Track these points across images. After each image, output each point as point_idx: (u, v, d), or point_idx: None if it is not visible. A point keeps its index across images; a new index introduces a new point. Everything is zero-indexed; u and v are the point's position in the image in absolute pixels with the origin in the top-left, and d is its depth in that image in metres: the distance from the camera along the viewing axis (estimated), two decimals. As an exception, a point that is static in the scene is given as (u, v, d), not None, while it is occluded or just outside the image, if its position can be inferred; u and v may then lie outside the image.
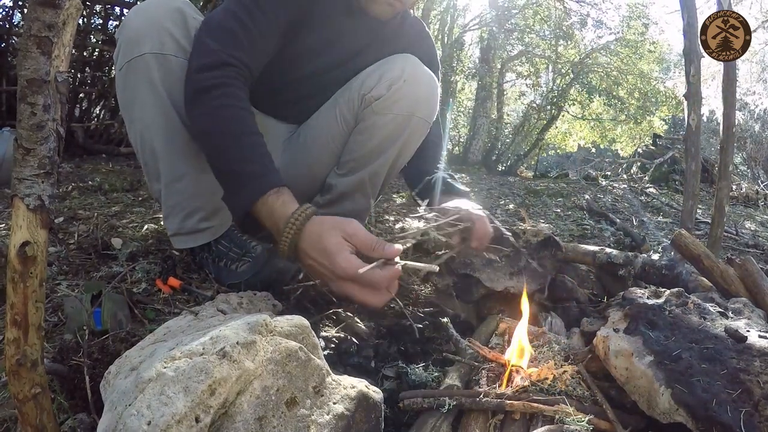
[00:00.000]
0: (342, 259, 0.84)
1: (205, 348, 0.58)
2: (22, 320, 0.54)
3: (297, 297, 1.15)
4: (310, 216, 0.91)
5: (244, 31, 1.06)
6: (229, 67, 1.02)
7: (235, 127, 0.99)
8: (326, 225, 0.88)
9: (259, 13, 1.08)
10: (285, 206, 0.92)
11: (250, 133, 1.00)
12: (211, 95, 1.00)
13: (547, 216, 3.12)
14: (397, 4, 1.17)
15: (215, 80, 1.00)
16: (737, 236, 2.69)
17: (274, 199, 0.93)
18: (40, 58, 0.50)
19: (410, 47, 1.30)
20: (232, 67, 1.03)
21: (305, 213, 0.90)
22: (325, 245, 0.85)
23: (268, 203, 0.93)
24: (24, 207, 0.53)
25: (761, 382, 0.64)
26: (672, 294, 0.89)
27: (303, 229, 0.89)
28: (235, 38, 1.05)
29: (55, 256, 1.28)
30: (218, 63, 1.02)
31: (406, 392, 0.75)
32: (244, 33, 1.06)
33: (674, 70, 11.88)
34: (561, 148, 12.00)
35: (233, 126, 0.99)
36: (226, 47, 1.03)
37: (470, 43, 9.71)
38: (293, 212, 0.90)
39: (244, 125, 1.00)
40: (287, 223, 0.90)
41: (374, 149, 1.26)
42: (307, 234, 0.89)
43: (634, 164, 6.53)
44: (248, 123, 1.01)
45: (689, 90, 1.72)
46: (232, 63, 1.03)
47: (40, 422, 0.57)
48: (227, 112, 1.00)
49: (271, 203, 0.93)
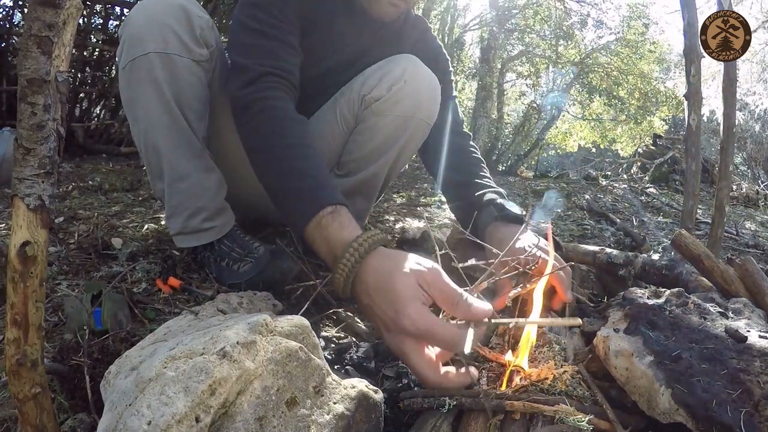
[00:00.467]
0: (414, 311, 0.68)
1: (205, 348, 0.58)
2: (22, 320, 0.54)
3: (297, 297, 1.15)
4: (377, 245, 0.76)
5: (266, 38, 1.04)
6: (266, 77, 0.99)
7: (277, 140, 0.92)
8: (399, 263, 0.73)
9: (273, 20, 1.07)
10: (343, 230, 0.79)
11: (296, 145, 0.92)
12: (251, 112, 0.96)
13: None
14: (401, 4, 1.16)
15: (254, 95, 0.97)
16: (737, 236, 2.69)
17: (329, 221, 0.80)
18: (40, 57, 0.50)
19: (414, 47, 1.29)
20: (270, 76, 1.00)
21: (371, 239, 0.76)
22: (395, 288, 0.70)
23: (321, 225, 0.81)
24: (24, 207, 0.53)
25: (761, 382, 0.64)
26: (672, 294, 0.89)
27: (367, 260, 0.75)
28: (262, 48, 1.03)
29: (56, 256, 1.29)
30: (255, 77, 0.99)
31: (406, 392, 0.75)
32: (267, 40, 1.04)
33: (674, 70, 11.88)
34: (561, 148, 12.01)
35: (275, 140, 0.92)
36: (257, 58, 1.01)
37: (470, 43, 9.73)
38: (356, 237, 0.76)
39: (287, 136, 0.93)
40: (346, 249, 0.76)
41: (374, 150, 1.25)
42: (372, 268, 0.74)
43: (634, 164, 6.53)
44: (293, 133, 0.93)
45: (689, 90, 1.72)
46: (269, 72, 1.00)
47: (40, 422, 0.57)
48: (268, 127, 0.94)
49: (325, 225, 0.80)
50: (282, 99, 0.99)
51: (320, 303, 1.12)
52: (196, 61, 1.09)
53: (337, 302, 1.13)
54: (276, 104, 0.97)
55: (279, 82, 1.01)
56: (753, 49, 10.25)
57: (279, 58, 1.04)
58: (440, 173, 1.30)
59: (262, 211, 1.64)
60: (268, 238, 1.56)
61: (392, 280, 0.71)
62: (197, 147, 1.15)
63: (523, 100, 10.37)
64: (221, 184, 1.22)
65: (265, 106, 0.96)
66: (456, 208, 1.30)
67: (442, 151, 1.30)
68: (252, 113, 0.96)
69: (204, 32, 1.09)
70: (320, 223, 0.81)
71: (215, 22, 1.37)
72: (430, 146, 1.33)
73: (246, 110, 0.98)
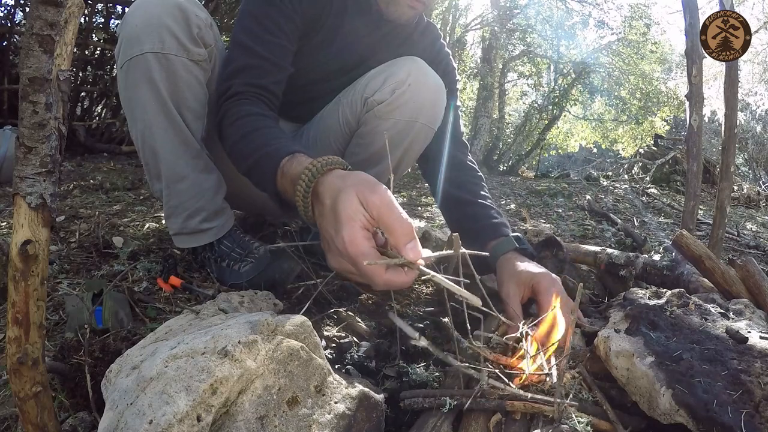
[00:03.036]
0: (347, 234, 0.67)
1: (206, 347, 0.58)
2: (23, 318, 0.54)
3: (298, 296, 1.15)
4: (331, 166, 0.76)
5: (254, 57, 1.08)
6: (243, 94, 1.05)
7: (242, 132, 0.98)
8: (348, 182, 0.71)
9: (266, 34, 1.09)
10: (300, 164, 0.79)
11: (259, 128, 0.97)
12: (225, 121, 1.03)
13: (548, 216, 3.12)
14: (419, 6, 1.15)
15: (227, 107, 1.04)
16: (738, 237, 2.69)
17: (288, 167, 0.82)
18: (42, 56, 0.50)
19: (422, 54, 1.26)
20: (247, 93, 1.05)
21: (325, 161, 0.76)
22: (337, 207, 0.69)
23: (284, 173, 0.82)
24: (26, 205, 0.53)
25: (762, 383, 0.64)
26: (673, 295, 0.89)
27: (321, 179, 0.74)
28: (248, 68, 1.07)
29: (57, 255, 1.29)
30: (231, 94, 1.05)
31: (407, 392, 0.75)
32: (254, 59, 1.08)
33: (676, 71, 11.87)
34: (562, 148, 12.00)
35: (241, 133, 0.98)
36: (240, 78, 1.06)
37: (472, 43, 9.70)
38: (310, 162, 0.76)
39: (250, 126, 0.98)
40: (302, 172, 0.76)
41: (375, 154, 1.25)
42: (325, 187, 0.73)
43: (635, 165, 6.53)
44: (258, 123, 0.98)
45: (691, 90, 1.71)
46: (247, 90, 1.05)
47: (41, 420, 0.58)
48: (235, 126, 1.00)
49: (286, 171, 0.82)
50: (255, 104, 1.05)
51: (321, 302, 1.12)
52: (193, 60, 1.08)
53: (338, 301, 1.13)
54: (243, 108, 1.03)
55: (256, 97, 1.06)
56: (755, 50, 10.24)
57: (263, 77, 1.08)
58: (439, 185, 1.29)
59: (261, 211, 1.64)
60: (268, 238, 1.56)
61: (337, 199, 0.69)
62: (195, 147, 1.15)
63: (525, 100, 10.36)
64: (220, 185, 1.22)
65: (235, 112, 1.02)
66: (455, 222, 1.27)
67: (441, 161, 1.29)
68: (226, 123, 1.03)
69: (202, 31, 1.09)
70: (283, 173, 0.82)
71: (216, 21, 1.37)
72: (429, 154, 1.32)
73: (222, 121, 1.05)
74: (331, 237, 0.70)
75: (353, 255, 0.67)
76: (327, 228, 0.71)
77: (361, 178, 0.72)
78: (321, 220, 0.74)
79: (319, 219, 0.75)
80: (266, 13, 1.09)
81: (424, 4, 1.16)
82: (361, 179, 0.71)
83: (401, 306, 1.16)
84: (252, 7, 1.11)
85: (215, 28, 1.15)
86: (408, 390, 0.76)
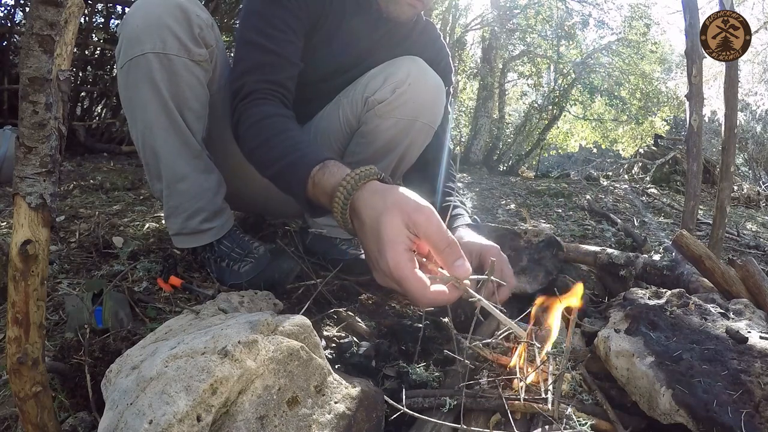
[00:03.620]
0: (392, 256, 0.67)
1: (206, 347, 0.58)
2: (23, 318, 0.54)
3: (298, 296, 1.15)
4: (367, 179, 0.75)
5: (263, 53, 1.08)
6: (258, 92, 1.05)
7: (265, 135, 0.97)
8: (389, 201, 0.70)
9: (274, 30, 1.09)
10: (333, 176, 0.79)
11: (280, 131, 0.97)
12: (243, 122, 1.03)
13: (548, 216, 3.12)
14: (419, 5, 1.16)
15: (243, 108, 1.04)
16: (738, 237, 2.69)
17: (320, 176, 0.81)
18: (42, 56, 0.50)
19: (422, 53, 1.27)
20: (262, 91, 1.05)
21: (360, 173, 0.75)
22: (380, 228, 0.68)
23: (315, 182, 0.82)
24: (26, 205, 0.53)
25: (762, 383, 0.64)
26: (673, 295, 0.89)
27: (357, 194, 0.74)
28: (259, 65, 1.07)
29: (57, 255, 1.29)
30: (248, 92, 1.05)
31: (407, 392, 0.75)
32: (265, 55, 1.08)
33: (676, 71, 11.87)
34: (562, 148, 12.00)
35: (263, 135, 0.97)
36: (252, 75, 1.06)
37: (472, 43, 9.70)
38: (345, 175, 0.76)
39: (272, 128, 0.98)
40: (337, 188, 0.75)
41: (376, 153, 1.25)
42: (363, 203, 0.73)
43: (635, 165, 6.52)
44: (277, 126, 0.99)
45: (691, 90, 1.71)
46: (261, 88, 1.05)
47: (40, 420, 0.58)
48: (256, 128, 1.00)
49: (318, 181, 0.81)
50: (271, 103, 1.04)
51: (321, 302, 1.12)
52: (194, 61, 1.08)
53: (338, 301, 1.13)
54: (261, 109, 1.02)
55: (271, 95, 1.06)
56: (755, 50, 10.23)
57: (276, 73, 1.08)
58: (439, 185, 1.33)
59: (262, 211, 1.64)
60: (268, 238, 1.56)
61: (379, 219, 0.69)
62: (195, 148, 1.15)
63: (525, 100, 10.36)
64: (220, 185, 1.22)
65: (252, 113, 1.02)
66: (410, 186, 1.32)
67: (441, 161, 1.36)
68: (244, 124, 1.02)
69: (203, 32, 1.09)
70: (314, 182, 0.82)
71: (217, 21, 1.37)
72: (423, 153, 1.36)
73: (239, 123, 1.04)
74: (375, 258, 0.71)
75: (398, 278, 0.67)
76: (370, 246, 0.72)
77: (403, 196, 0.71)
78: (363, 237, 0.74)
79: (360, 235, 0.75)
80: (273, 11, 1.09)
81: (424, 3, 1.16)
82: (403, 198, 0.71)
83: (401, 306, 1.16)
84: (257, 6, 1.11)
85: (216, 29, 1.15)
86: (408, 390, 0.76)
